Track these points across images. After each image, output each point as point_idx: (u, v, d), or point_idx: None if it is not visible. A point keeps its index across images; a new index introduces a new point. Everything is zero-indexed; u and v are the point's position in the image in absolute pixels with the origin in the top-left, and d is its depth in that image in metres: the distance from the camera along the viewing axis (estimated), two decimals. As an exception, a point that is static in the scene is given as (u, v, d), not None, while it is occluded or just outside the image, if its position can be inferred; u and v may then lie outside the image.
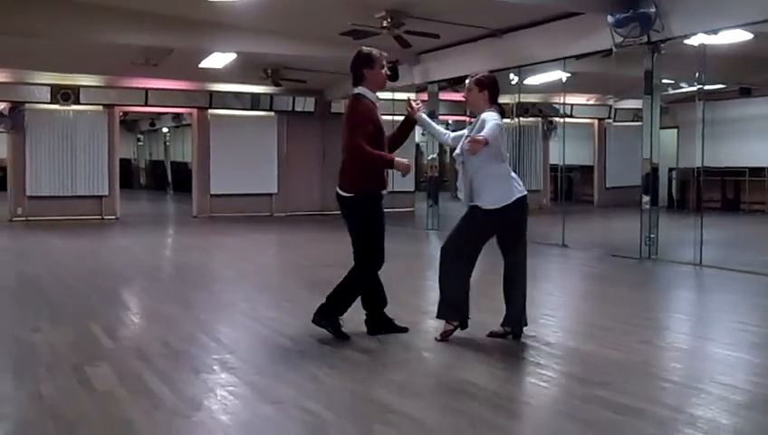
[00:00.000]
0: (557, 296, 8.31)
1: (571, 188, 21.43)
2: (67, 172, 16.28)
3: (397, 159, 5.57)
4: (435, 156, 15.43)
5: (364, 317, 5.80)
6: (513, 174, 5.67)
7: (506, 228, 5.65)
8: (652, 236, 10.24)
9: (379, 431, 3.83)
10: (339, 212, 5.80)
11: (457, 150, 5.65)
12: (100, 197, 16.64)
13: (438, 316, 5.70)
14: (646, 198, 10.37)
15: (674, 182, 19.54)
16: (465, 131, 5.79)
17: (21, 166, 15.99)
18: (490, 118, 5.47)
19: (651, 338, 5.97)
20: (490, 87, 5.70)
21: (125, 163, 24.91)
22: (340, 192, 5.66)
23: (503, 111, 5.76)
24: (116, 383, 4.55)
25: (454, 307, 5.63)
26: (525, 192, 5.64)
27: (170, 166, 29.48)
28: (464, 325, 5.67)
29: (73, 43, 12.31)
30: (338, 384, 4.70)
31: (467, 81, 5.77)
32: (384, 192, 5.70)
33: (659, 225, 10.40)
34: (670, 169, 18.81)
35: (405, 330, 5.81)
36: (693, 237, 9.92)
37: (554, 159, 19.58)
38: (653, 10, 9.36)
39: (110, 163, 16.76)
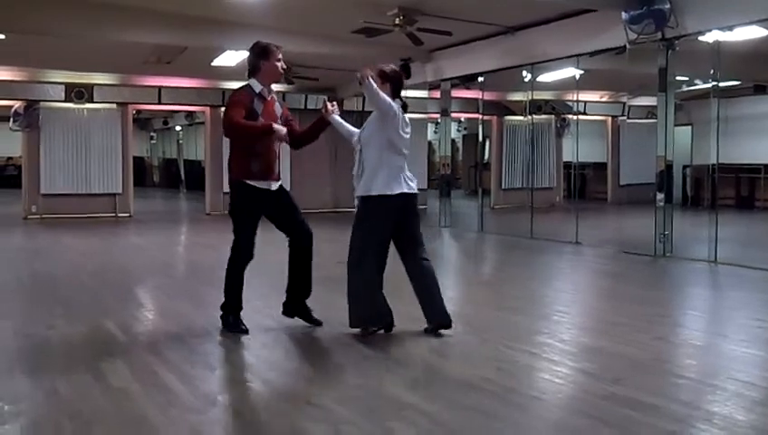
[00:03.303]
0: (570, 293, 8.30)
1: (584, 185, 21.42)
2: (81, 170, 16.35)
3: (275, 125, 5.63)
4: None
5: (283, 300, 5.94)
6: (408, 171, 5.62)
7: (404, 219, 5.60)
8: (666, 233, 10.19)
9: (394, 428, 3.82)
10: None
11: (356, 138, 5.71)
12: (114, 194, 16.69)
13: (353, 325, 5.57)
14: (660, 196, 10.32)
15: (688, 179, 19.44)
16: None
17: (35, 164, 16.06)
18: None
19: (665, 335, 5.94)
20: (393, 80, 5.63)
21: (138, 161, 24.99)
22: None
23: (405, 106, 5.68)
24: (131, 380, 4.57)
25: (376, 314, 5.54)
26: (416, 191, 5.62)
27: (183, 164, 29.57)
28: (389, 328, 5.60)
29: (87, 41, 12.37)
30: (351, 381, 4.71)
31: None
32: (265, 185, 5.75)
33: (673, 222, 10.35)
34: (684, 167, 18.71)
35: (319, 323, 5.84)
36: (707, 235, 9.85)
37: (568, 156, 19.55)
38: (667, 6, 9.31)
39: (124, 161, 16.81)
